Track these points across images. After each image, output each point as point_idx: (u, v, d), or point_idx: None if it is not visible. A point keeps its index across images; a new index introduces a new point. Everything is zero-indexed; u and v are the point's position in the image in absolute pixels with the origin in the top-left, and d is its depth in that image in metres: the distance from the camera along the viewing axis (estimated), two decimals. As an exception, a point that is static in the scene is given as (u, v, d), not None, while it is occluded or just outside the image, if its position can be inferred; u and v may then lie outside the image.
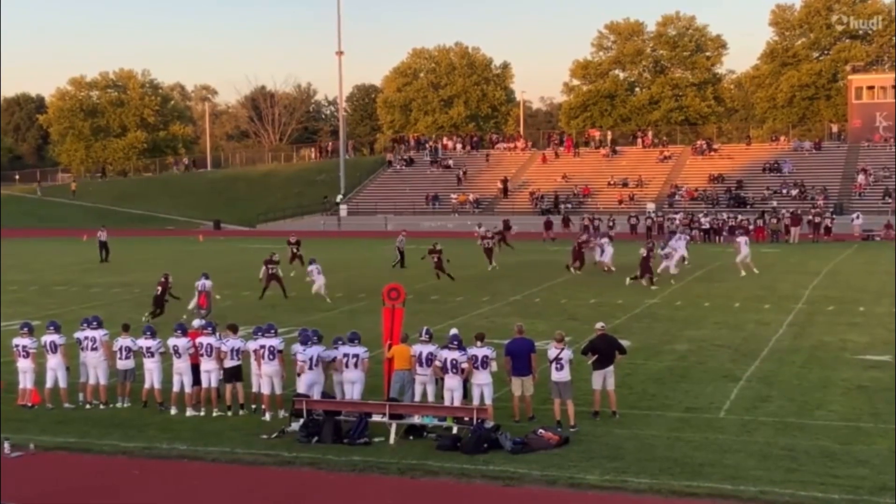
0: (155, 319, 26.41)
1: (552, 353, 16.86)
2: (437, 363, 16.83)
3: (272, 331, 17.97)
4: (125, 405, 18.45)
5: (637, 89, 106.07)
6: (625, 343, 18.75)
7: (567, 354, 16.84)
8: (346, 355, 17.16)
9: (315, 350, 17.33)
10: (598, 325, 18.19)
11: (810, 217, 59.93)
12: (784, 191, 73.80)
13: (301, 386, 17.17)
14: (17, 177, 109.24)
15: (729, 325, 27.16)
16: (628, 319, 28.41)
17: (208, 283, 29.09)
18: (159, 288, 28.96)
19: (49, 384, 18.59)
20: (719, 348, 23.79)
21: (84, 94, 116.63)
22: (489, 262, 43.15)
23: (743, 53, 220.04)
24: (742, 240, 40.41)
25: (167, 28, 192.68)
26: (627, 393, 18.64)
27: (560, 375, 16.69)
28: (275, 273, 33.73)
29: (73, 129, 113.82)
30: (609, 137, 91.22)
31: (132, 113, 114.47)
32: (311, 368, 17.16)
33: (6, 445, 15.56)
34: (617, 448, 15.32)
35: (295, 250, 42.53)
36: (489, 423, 15.71)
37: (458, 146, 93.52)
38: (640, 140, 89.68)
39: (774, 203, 70.11)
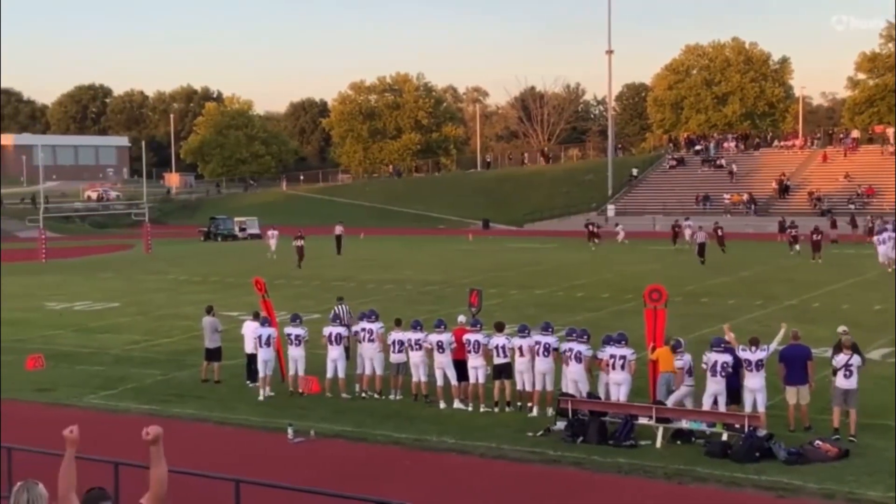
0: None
1: (840, 359, 15.99)
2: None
3: (548, 329, 18.09)
4: (397, 397, 19.13)
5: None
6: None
7: (856, 361, 15.97)
8: (612, 356, 17.00)
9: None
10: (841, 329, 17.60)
11: None
12: None
13: None
14: (301, 177, 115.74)
15: None
16: (917, 328, 26.50)
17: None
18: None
19: (329, 374, 19.49)
20: None
21: (363, 98, 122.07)
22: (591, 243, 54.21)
23: None
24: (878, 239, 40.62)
25: (441, 32, 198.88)
26: (916, 406, 17.39)
27: (848, 383, 15.86)
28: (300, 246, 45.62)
29: (353, 131, 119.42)
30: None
31: (407, 115, 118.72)
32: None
33: (290, 431, 16.51)
34: (903, 464, 14.34)
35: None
36: (762, 432, 15.14)
37: (732, 145, 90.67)
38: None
39: None
